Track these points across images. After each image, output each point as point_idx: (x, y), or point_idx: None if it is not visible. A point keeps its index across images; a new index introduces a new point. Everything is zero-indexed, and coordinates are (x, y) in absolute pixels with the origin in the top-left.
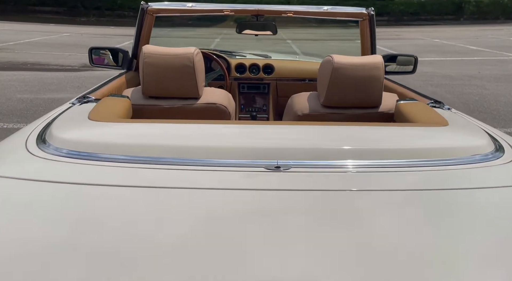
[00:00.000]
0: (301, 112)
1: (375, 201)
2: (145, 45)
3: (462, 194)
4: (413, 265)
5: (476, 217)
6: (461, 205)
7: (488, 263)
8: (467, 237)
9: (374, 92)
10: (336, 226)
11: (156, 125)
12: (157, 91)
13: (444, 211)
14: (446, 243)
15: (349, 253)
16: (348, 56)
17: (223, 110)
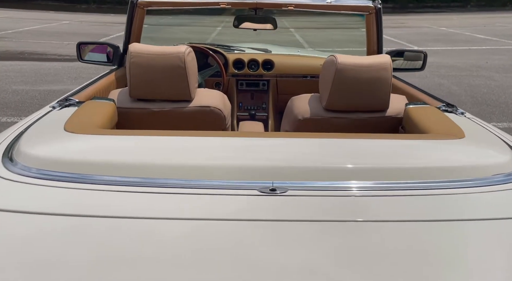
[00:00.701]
0: (301, 116)
1: (384, 236)
2: (132, 44)
3: (480, 226)
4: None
5: (501, 254)
6: (480, 239)
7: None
8: None
9: (381, 95)
10: (343, 267)
11: (133, 138)
12: (145, 93)
13: (464, 247)
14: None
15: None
16: (353, 55)
17: (218, 113)
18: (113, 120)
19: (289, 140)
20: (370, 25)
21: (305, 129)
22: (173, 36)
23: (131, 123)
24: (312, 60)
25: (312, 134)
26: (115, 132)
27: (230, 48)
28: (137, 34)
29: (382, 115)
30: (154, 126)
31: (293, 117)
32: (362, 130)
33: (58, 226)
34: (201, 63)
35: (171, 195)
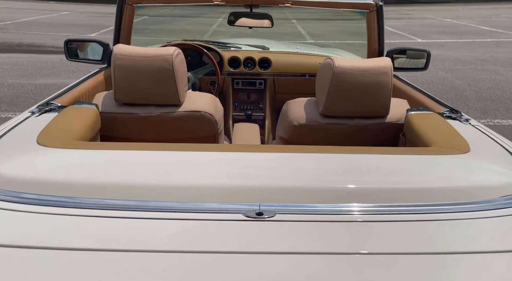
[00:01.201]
0: (297, 121)
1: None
2: (116, 45)
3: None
4: None
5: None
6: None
7: None
8: None
9: (381, 101)
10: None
11: (106, 153)
12: (131, 97)
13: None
14: None
15: None
16: (351, 58)
17: (209, 119)
18: (95, 128)
19: (280, 156)
20: (371, 23)
21: (301, 136)
22: (173, 27)
23: (116, 129)
24: (311, 59)
25: (306, 147)
26: (91, 145)
27: (226, 45)
28: (127, 32)
29: (382, 121)
30: (141, 132)
31: (288, 122)
32: (360, 137)
33: (17, 260)
34: (195, 61)
35: (141, 222)
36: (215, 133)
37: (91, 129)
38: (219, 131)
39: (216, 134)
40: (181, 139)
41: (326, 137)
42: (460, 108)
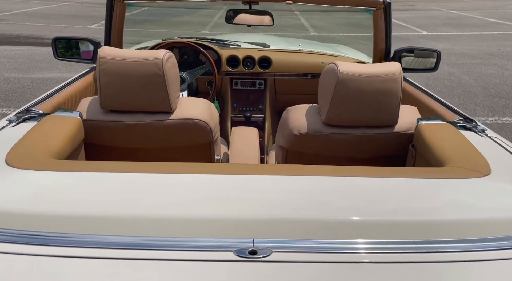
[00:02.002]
0: (297, 130)
1: None
2: (101, 48)
3: None
4: None
5: None
6: None
7: None
8: None
9: (389, 110)
10: None
11: (84, 176)
12: (118, 104)
13: None
14: None
15: None
16: (356, 63)
17: (203, 126)
18: (76, 139)
19: (278, 180)
20: (378, 21)
21: (302, 145)
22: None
23: (102, 138)
24: (314, 57)
25: (305, 168)
26: (66, 166)
27: (224, 42)
28: (119, 30)
29: (390, 131)
30: (129, 140)
31: (288, 131)
32: (366, 148)
33: None
34: (192, 60)
35: (117, 263)
36: (210, 141)
37: (71, 142)
38: (215, 139)
39: (211, 142)
40: (173, 148)
41: (329, 147)
42: (468, 105)
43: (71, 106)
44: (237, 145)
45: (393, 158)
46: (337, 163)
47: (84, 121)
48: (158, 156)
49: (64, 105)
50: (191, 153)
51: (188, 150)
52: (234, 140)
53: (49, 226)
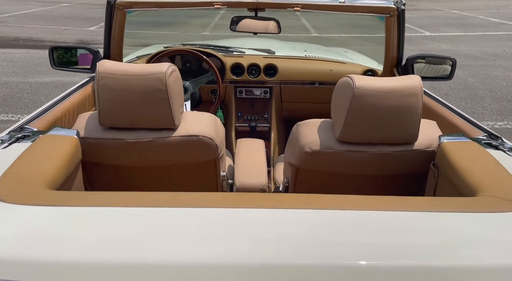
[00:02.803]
0: (309, 148)
1: None
2: (100, 61)
3: None
4: None
5: None
6: None
7: None
8: None
9: (409, 127)
10: None
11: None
12: (118, 121)
13: None
14: None
15: None
16: (373, 77)
17: (208, 144)
18: (73, 162)
19: (287, 215)
20: (391, 29)
21: (314, 164)
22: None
23: (101, 156)
24: (321, 64)
25: (318, 199)
26: (61, 199)
27: (228, 49)
28: (119, 39)
29: (409, 148)
30: (130, 159)
31: (299, 148)
32: (383, 166)
33: None
34: (194, 68)
35: None
36: (216, 158)
37: (67, 166)
38: (220, 156)
39: (217, 159)
40: (176, 165)
41: (343, 165)
42: (475, 108)
43: (68, 121)
44: (242, 160)
45: (411, 176)
46: (351, 181)
47: (81, 139)
48: (160, 174)
49: (61, 121)
50: (196, 170)
51: (192, 167)
52: (239, 154)
53: (42, 276)
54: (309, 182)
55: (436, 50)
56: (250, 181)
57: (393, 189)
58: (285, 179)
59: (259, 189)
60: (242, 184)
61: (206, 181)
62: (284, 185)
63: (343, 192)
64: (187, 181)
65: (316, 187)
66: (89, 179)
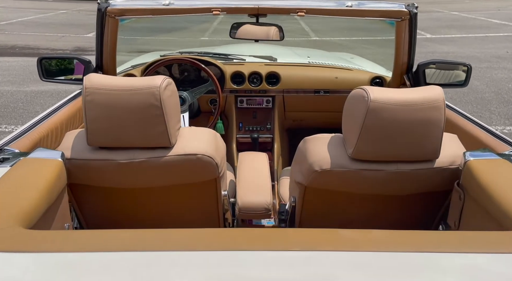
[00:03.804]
0: (319, 166)
1: None
2: (87, 75)
3: None
4: None
5: None
6: None
7: None
8: None
9: (430, 143)
10: None
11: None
12: (108, 140)
13: None
14: None
15: None
16: (389, 88)
17: (208, 162)
18: (56, 188)
19: (296, 259)
20: (401, 33)
21: (324, 183)
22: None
23: (90, 179)
24: (325, 72)
25: (340, 236)
26: (39, 242)
27: (228, 57)
28: (111, 48)
29: (430, 166)
30: (122, 181)
31: (307, 166)
32: (401, 185)
33: None
34: (193, 77)
35: None
36: (216, 177)
37: (48, 194)
38: (221, 175)
39: (217, 178)
40: (173, 186)
41: (356, 185)
42: (482, 113)
43: (56, 140)
44: (245, 176)
45: (431, 195)
46: (365, 201)
47: (68, 160)
48: (156, 195)
49: (47, 140)
50: (194, 191)
51: (191, 188)
52: (241, 170)
53: None
54: (318, 201)
55: (438, 53)
56: (253, 200)
57: (409, 210)
58: (292, 198)
59: (263, 208)
60: (245, 203)
61: (206, 201)
62: (291, 204)
63: (355, 212)
64: (185, 203)
65: (326, 207)
66: (78, 201)
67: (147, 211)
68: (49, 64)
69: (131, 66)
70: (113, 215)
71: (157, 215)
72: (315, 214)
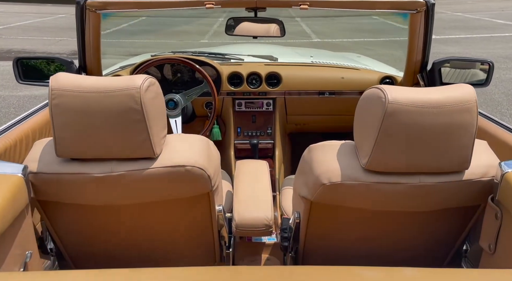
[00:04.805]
0: (327, 179)
1: None
2: (54, 75)
3: None
4: None
5: None
6: None
7: None
8: None
9: (459, 151)
10: None
11: None
12: (80, 151)
13: None
14: None
15: None
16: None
17: (198, 175)
18: (13, 209)
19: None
20: (416, 27)
21: (333, 197)
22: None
23: (61, 196)
24: (331, 71)
25: (360, 278)
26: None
27: (225, 56)
28: (95, 46)
29: (459, 179)
30: (99, 198)
31: (314, 178)
32: (424, 201)
33: None
34: (187, 79)
35: None
36: (209, 192)
37: (3, 216)
38: (214, 188)
39: (210, 192)
40: (159, 203)
41: (371, 201)
42: (493, 114)
43: (25, 150)
44: (243, 188)
45: (457, 211)
46: (380, 218)
47: (34, 174)
48: (139, 214)
49: (14, 151)
50: (184, 207)
51: (179, 204)
52: (239, 180)
53: None
54: (325, 218)
55: (443, 53)
56: (252, 215)
57: (430, 227)
58: (296, 214)
59: (263, 225)
60: (243, 219)
61: (197, 219)
62: (295, 220)
63: (367, 230)
64: (174, 221)
65: (335, 225)
66: (52, 220)
67: (130, 230)
68: (27, 65)
69: (119, 67)
70: (92, 235)
71: (142, 235)
72: (322, 233)
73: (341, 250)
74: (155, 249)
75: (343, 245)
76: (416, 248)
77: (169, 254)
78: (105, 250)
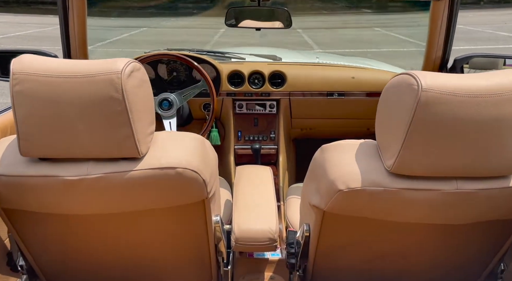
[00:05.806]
0: (344, 184)
1: None
2: (18, 57)
3: None
4: None
5: None
6: None
7: None
8: None
9: (506, 152)
10: None
11: None
12: (48, 149)
13: None
14: None
15: None
16: (448, 73)
17: (192, 179)
18: None
19: None
20: (438, 17)
21: (351, 208)
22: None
23: (27, 204)
24: (339, 71)
25: None
26: None
27: (225, 55)
28: (80, 37)
29: (506, 185)
30: (73, 206)
31: (328, 183)
32: (463, 211)
33: None
34: (183, 77)
35: None
36: (204, 199)
37: None
38: (211, 195)
39: (206, 199)
40: (145, 212)
41: (397, 211)
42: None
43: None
44: (244, 196)
45: (499, 224)
46: (408, 231)
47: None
48: (122, 224)
49: None
50: (174, 217)
51: (169, 213)
52: (239, 187)
53: None
54: (340, 231)
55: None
56: (254, 227)
57: (464, 243)
58: (305, 226)
59: (266, 238)
60: (243, 231)
61: (190, 231)
62: (304, 234)
63: (390, 247)
64: (162, 234)
65: (351, 239)
66: (20, 232)
67: (111, 245)
68: (5, 59)
69: None
70: (67, 250)
71: (126, 251)
72: (335, 248)
73: (358, 269)
74: (141, 267)
75: (360, 263)
76: (445, 268)
77: (157, 273)
78: (83, 268)
